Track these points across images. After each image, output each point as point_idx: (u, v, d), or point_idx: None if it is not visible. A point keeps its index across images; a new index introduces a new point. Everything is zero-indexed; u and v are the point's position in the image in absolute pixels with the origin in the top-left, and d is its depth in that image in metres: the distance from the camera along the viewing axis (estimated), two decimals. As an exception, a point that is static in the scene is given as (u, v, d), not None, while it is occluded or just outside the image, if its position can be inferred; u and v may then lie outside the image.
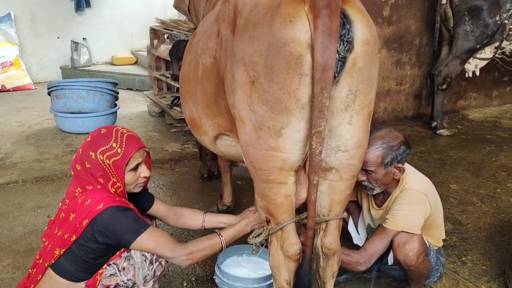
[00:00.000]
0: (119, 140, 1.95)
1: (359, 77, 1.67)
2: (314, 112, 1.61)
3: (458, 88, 6.13)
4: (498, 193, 3.72)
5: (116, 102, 5.63)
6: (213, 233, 2.09)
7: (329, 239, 1.96)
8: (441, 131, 5.27)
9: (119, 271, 1.87)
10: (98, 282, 1.93)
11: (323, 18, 1.55)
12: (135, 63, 8.78)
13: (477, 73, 5.26)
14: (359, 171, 1.93)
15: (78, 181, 1.96)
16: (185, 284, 2.69)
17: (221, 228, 2.18)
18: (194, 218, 2.35)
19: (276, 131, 1.71)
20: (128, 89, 7.71)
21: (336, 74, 1.61)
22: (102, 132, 1.98)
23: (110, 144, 1.93)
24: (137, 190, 2.06)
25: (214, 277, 2.36)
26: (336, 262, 2.01)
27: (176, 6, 3.92)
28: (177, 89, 5.81)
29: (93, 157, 1.91)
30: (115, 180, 1.94)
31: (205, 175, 4.19)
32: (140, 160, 2.00)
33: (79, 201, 1.87)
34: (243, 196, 3.89)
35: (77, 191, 1.94)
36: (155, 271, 1.93)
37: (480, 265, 2.73)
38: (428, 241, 2.30)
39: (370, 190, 2.29)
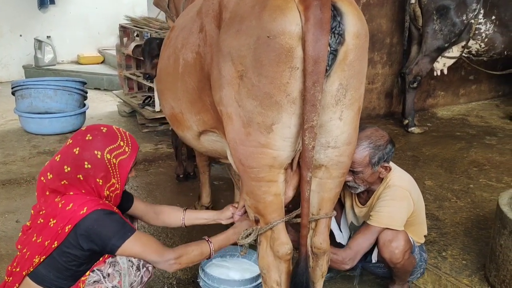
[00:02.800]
0: (125, 139, 1.89)
1: (350, 71, 1.65)
2: (307, 106, 1.57)
3: (427, 86, 6.25)
4: (471, 188, 3.80)
5: (85, 101, 5.46)
6: (201, 240, 2.02)
7: (319, 238, 1.93)
8: (412, 128, 5.35)
9: (104, 277, 1.78)
10: (80, 289, 1.83)
11: (314, 9, 1.52)
12: (103, 62, 8.56)
13: (445, 71, 5.38)
14: (348, 168, 1.91)
15: (55, 186, 1.83)
16: (166, 288, 2.62)
17: (205, 230, 2.12)
18: (174, 216, 2.28)
19: (266, 127, 1.66)
20: (95, 88, 7.49)
21: (327, 68, 1.58)
22: (103, 130, 1.89)
23: (118, 143, 1.86)
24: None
25: (198, 280, 2.29)
26: (325, 262, 1.99)
27: (156, 4, 3.85)
28: (149, 88, 5.69)
29: (99, 156, 1.82)
30: (114, 181, 1.86)
31: (181, 176, 4.11)
32: (135, 161, 1.95)
33: (60, 205, 1.77)
34: (221, 196, 3.83)
35: (57, 200, 1.82)
36: (142, 277, 1.85)
37: (460, 259, 2.77)
38: (411, 238, 2.31)
39: (354, 189, 2.28)
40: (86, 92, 5.44)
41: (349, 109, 1.71)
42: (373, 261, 2.35)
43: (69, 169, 1.82)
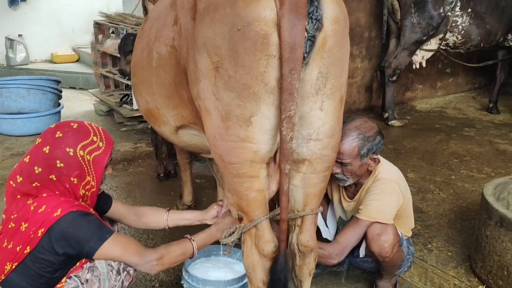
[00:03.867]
0: (98, 134, 1.79)
1: (329, 58, 1.59)
2: (284, 95, 1.51)
3: (406, 80, 6.29)
4: (453, 179, 3.82)
5: (60, 101, 5.30)
6: (183, 238, 1.95)
7: (306, 235, 1.88)
8: (392, 122, 5.37)
9: (82, 283, 1.68)
10: (57, 297, 1.74)
11: None
12: (77, 60, 8.36)
13: (424, 64, 5.43)
14: (333, 162, 1.86)
15: (26, 189, 1.72)
16: (149, 291, 2.54)
17: (188, 231, 2.04)
18: (156, 217, 2.18)
19: (245, 120, 1.60)
20: (71, 88, 7.31)
21: (305, 55, 1.52)
22: (74, 126, 1.78)
23: (91, 138, 1.75)
24: (100, 190, 1.89)
25: (182, 281, 2.21)
26: (313, 260, 1.93)
27: None
28: (126, 86, 5.56)
29: (71, 153, 1.71)
30: (89, 179, 1.76)
31: (162, 175, 4.02)
32: (111, 157, 1.85)
33: (32, 208, 1.67)
34: (203, 194, 3.75)
35: (29, 202, 1.72)
36: (123, 281, 1.76)
37: (445, 251, 2.76)
38: (400, 231, 2.28)
39: (342, 182, 2.23)
40: (61, 91, 5.28)
41: (330, 99, 1.65)
42: (361, 255, 2.31)
43: (40, 169, 1.72)
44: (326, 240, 2.49)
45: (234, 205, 1.81)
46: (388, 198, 2.15)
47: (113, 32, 5.56)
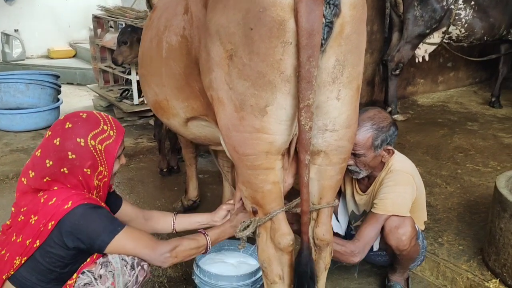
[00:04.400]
0: (108, 123, 1.73)
1: (347, 45, 1.54)
2: (302, 84, 1.46)
3: (407, 74, 6.24)
4: (459, 173, 3.78)
5: (59, 96, 5.22)
6: (197, 232, 1.90)
7: (322, 229, 1.83)
8: (395, 116, 5.32)
9: (95, 279, 1.63)
10: (69, 293, 1.68)
11: None
12: (74, 56, 8.27)
13: (426, 58, 5.37)
14: (349, 153, 1.81)
15: (38, 185, 1.67)
16: (157, 287, 2.48)
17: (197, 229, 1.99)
18: (163, 221, 2.12)
19: (260, 110, 1.54)
20: (68, 83, 7.22)
21: (322, 42, 1.47)
22: (83, 116, 1.72)
23: (101, 127, 1.70)
24: (113, 181, 1.85)
25: (193, 277, 2.16)
26: (328, 254, 1.89)
27: None
28: (126, 80, 5.49)
29: (83, 144, 1.66)
30: (102, 169, 1.71)
31: (165, 170, 3.96)
32: (123, 146, 1.79)
33: (42, 200, 1.61)
34: (207, 190, 3.71)
35: (39, 194, 1.66)
36: (137, 276, 1.70)
37: (456, 245, 2.73)
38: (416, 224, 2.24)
39: (356, 174, 2.18)
40: (60, 86, 5.20)
41: (347, 88, 1.60)
42: (375, 249, 2.26)
43: (51, 163, 1.66)
44: (337, 235, 2.45)
45: (248, 197, 1.76)
46: (403, 190, 2.10)
47: (111, 27, 5.49)
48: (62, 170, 1.65)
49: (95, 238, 1.61)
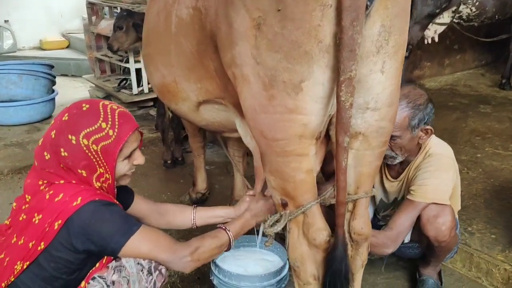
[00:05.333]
0: (109, 119, 1.48)
1: (394, 8, 1.32)
2: (343, 53, 1.25)
3: (414, 57, 6.04)
4: (479, 158, 3.61)
5: (53, 87, 4.99)
6: (217, 229, 1.70)
7: (359, 222, 1.63)
8: (404, 100, 5.14)
9: (108, 286, 1.42)
10: (76, 302, 1.48)
11: None
12: (68, 46, 8.00)
13: (436, 39, 5.18)
14: (389, 136, 1.60)
15: (41, 173, 1.47)
16: (169, 287, 2.29)
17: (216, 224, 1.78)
18: (182, 215, 1.90)
19: (294, 87, 1.34)
20: (62, 75, 6.96)
21: (368, 3, 1.26)
22: (84, 108, 1.49)
23: (98, 125, 1.46)
24: (125, 182, 1.62)
25: (211, 277, 1.96)
26: (366, 249, 1.69)
27: None
28: (124, 70, 5.26)
29: (74, 142, 1.44)
30: (102, 171, 1.48)
31: (169, 162, 3.76)
32: (135, 145, 1.56)
33: (47, 196, 1.40)
34: (215, 181, 3.51)
35: (40, 182, 1.46)
36: (155, 282, 1.49)
37: (488, 234, 2.55)
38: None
39: (391, 160, 1.98)
40: (54, 76, 4.97)
41: (393, 59, 1.39)
42: (406, 241, 2.07)
43: (48, 156, 1.47)
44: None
45: (277, 188, 1.56)
46: (445, 176, 1.91)
47: (106, 14, 5.24)
48: (61, 166, 1.45)
49: (108, 239, 1.41)
